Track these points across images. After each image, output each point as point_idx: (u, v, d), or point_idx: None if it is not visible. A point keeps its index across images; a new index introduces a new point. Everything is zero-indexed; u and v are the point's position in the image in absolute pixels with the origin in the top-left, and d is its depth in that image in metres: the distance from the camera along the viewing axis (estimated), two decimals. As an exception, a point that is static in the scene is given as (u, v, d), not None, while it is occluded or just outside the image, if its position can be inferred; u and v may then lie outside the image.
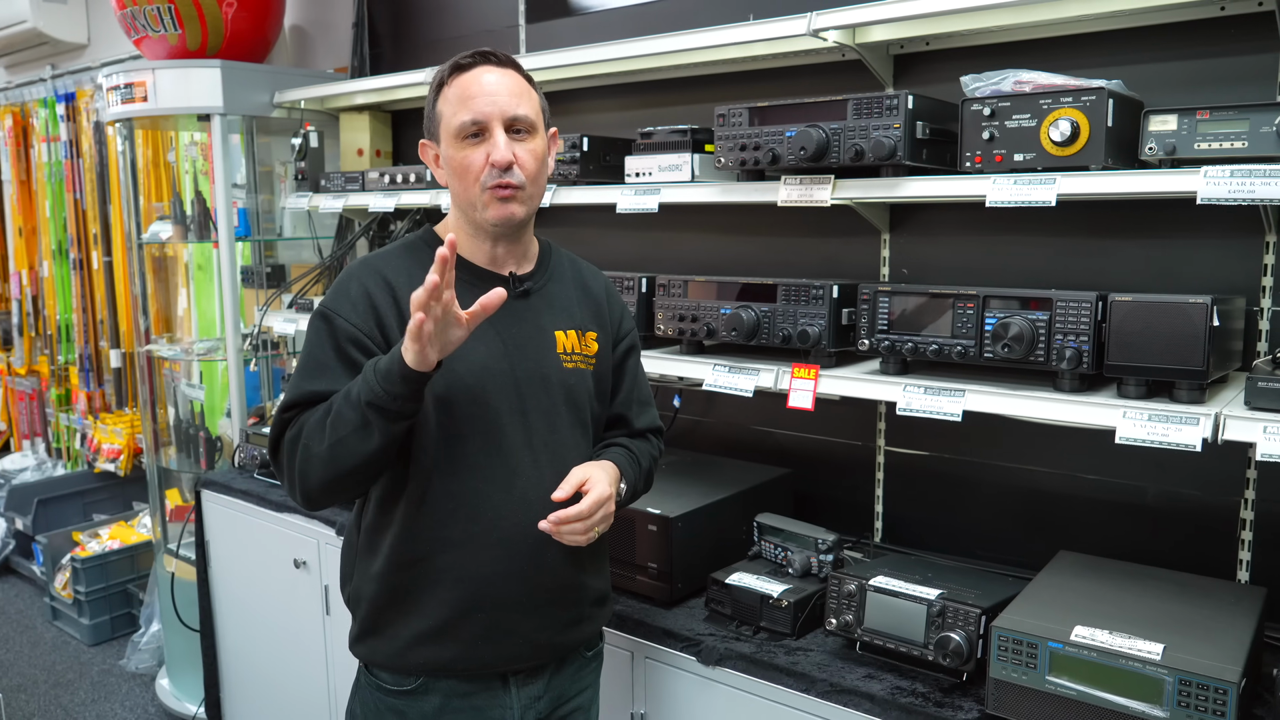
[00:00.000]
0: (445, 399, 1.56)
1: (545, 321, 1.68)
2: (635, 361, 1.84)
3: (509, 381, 1.61)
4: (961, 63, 2.15)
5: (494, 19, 3.15)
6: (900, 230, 2.33)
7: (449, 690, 1.62)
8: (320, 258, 3.51)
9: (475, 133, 1.55)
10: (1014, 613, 1.65)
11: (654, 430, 1.86)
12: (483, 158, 1.55)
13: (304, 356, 1.59)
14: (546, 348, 1.66)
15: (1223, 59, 1.91)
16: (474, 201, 1.58)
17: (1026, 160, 1.79)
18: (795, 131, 1.99)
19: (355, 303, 1.58)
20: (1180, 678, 1.43)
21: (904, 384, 1.87)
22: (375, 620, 1.64)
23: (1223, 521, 1.95)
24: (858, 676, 1.76)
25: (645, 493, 1.83)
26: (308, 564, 2.80)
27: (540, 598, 1.64)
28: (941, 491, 2.32)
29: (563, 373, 1.67)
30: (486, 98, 1.55)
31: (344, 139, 3.45)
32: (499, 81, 1.57)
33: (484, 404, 1.58)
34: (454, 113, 1.56)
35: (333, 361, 1.55)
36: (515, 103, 1.57)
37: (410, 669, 1.62)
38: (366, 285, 1.59)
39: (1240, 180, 1.57)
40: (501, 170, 1.55)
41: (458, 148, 1.57)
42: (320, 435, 1.48)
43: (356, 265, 1.66)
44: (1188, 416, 1.58)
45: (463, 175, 1.57)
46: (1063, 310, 1.72)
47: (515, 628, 1.62)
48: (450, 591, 1.59)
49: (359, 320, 1.57)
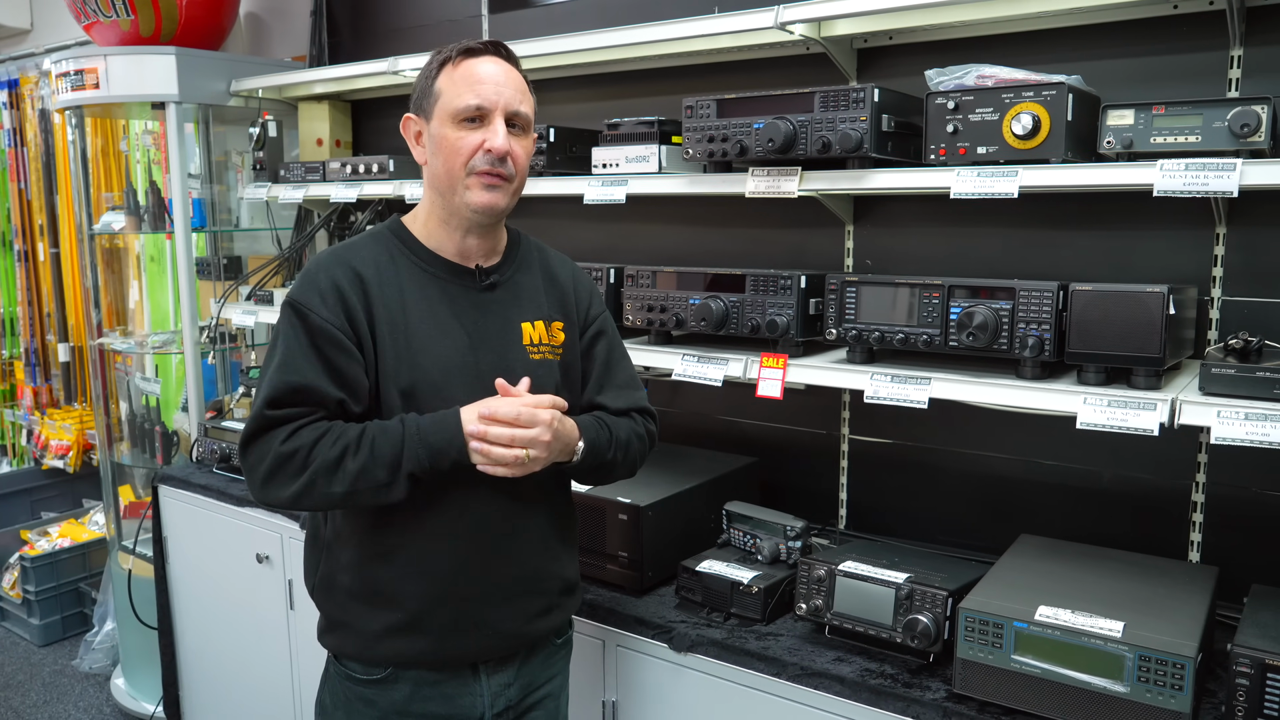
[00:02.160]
0: (410, 393, 1.57)
1: (511, 313, 1.68)
2: (606, 345, 1.80)
3: (473, 375, 1.61)
4: (925, 57, 2.19)
5: (456, 9, 3.13)
6: (864, 222, 2.37)
7: (419, 679, 1.63)
8: (279, 249, 3.46)
9: (475, 117, 1.56)
10: (979, 594, 1.69)
11: (638, 410, 1.79)
12: (477, 141, 1.55)
13: (278, 348, 1.57)
14: (512, 340, 1.66)
15: (1176, 56, 1.97)
16: (456, 184, 1.58)
17: (989, 153, 1.83)
18: (763, 124, 2.01)
19: (325, 296, 1.56)
20: (1140, 654, 1.48)
21: (871, 372, 1.90)
22: (344, 612, 1.63)
23: (1175, 504, 2.02)
24: (828, 660, 1.79)
25: (624, 466, 1.74)
26: (270, 559, 2.77)
27: (509, 588, 1.64)
28: (904, 478, 2.37)
29: (529, 365, 1.66)
30: (494, 85, 1.56)
31: (303, 128, 3.40)
32: (507, 75, 1.59)
33: (449, 398, 1.57)
34: (458, 93, 1.56)
35: (308, 355, 1.54)
36: (519, 98, 1.59)
37: (381, 660, 1.62)
38: (336, 278, 1.58)
39: (1195, 173, 1.62)
40: (496, 159, 1.56)
41: (453, 128, 1.56)
42: (337, 478, 1.49)
43: (325, 256, 1.64)
44: (1145, 402, 1.63)
45: (452, 155, 1.56)
46: (1025, 299, 1.76)
47: (485, 618, 1.63)
48: (419, 583, 1.59)
49: (330, 315, 1.55)
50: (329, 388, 1.53)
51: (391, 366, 1.57)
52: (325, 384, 1.53)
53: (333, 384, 1.54)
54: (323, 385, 1.53)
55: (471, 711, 1.66)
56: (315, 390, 1.53)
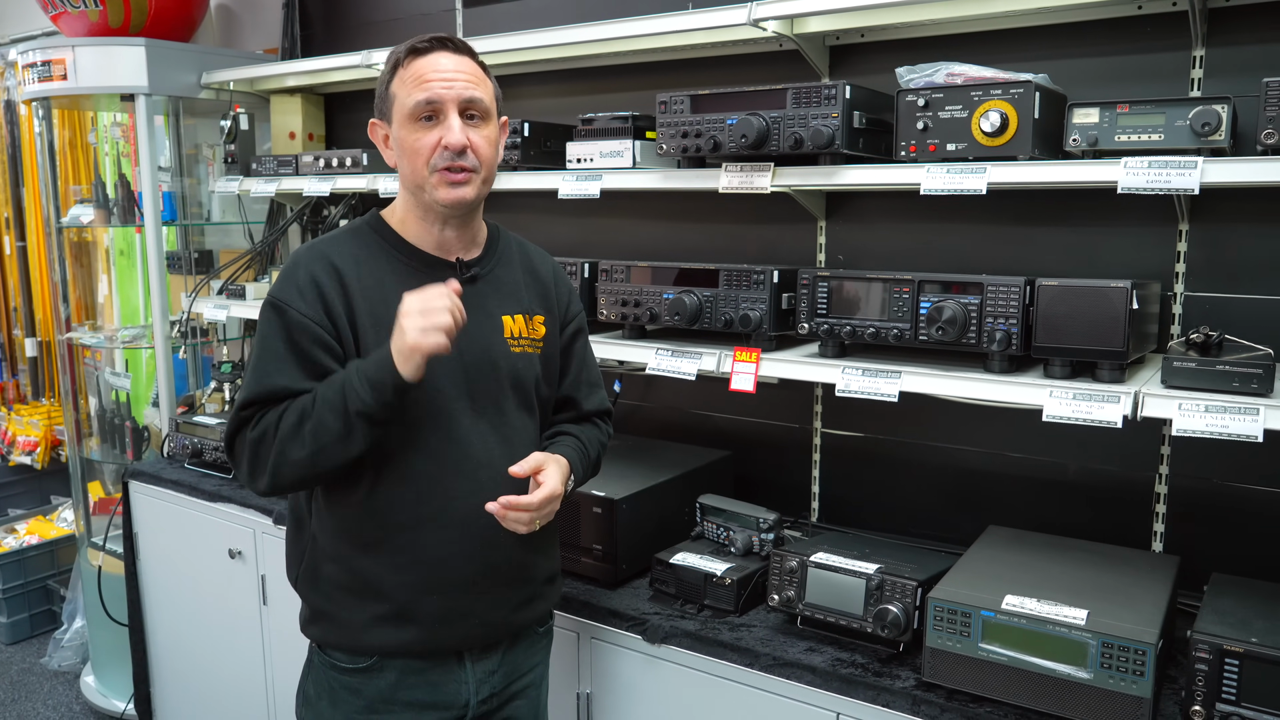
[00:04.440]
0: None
1: (492, 307, 1.69)
2: (583, 343, 1.86)
3: (457, 368, 1.61)
4: (895, 54, 2.21)
5: (430, 2, 3.12)
6: (836, 217, 2.39)
7: (405, 668, 1.64)
8: (251, 243, 3.44)
9: (429, 115, 1.56)
10: (948, 584, 1.72)
11: (601, 413, 1.88)
12: (435, 139, 1.55)
13: (258, 348, 1.58)
14: (494, 333, 1.68)
15: (1141, 55, 2.00)
16: (423, 183, 1.59)
17: (958, 150, 1.86)
18: (736, 119, 2.03)
19: (304, 291, 1.57)
20: (1103, 641, 1.51)
21: (843, 366, 1.93)
22: (330, 603, 1.64)
23: (1139, 495, 2.06)
24: (799, 650, 1.81)
25: (592, 478, 1.86)
26: (243, 554, 2.75)
27: (494, 577, 1.66)
28: (875, 471, 2.40)
29: (510, 358, 1.68)
30: (442, 81, 1.55)
31: (275, 122, 3.37)
32: (455, 66, 1.58)
33: (433, 390, 1.58)
34: (408, 94, 1.56)
35: (287, 354, 1.55)
36: (470, 87, 1.57)
37: (366, 650, 1.63)
38: (314, 273, 1.58)
39: (1158, 171, 1.66)
40: (455, 154, 1.55)
41: (410, 129, 1.57)
42: (298, 442, 1.50)
43: (304, 252, 1.64)
44: (1109, 395, 1.66)
45: (413, 156, 1.57)
46: (993, 294, 1.79)
47: (471, 608, 1.64)
48: (407, 574, 1.61)
49: (308, 310, 1.56)
50: (306, 386, 1.54)
51: None
52: (302, 382, 1.54)
53: (311, 380, 1.55)
54: (299, 385, 1.54)
55: (456, 699, 1.67)
56: (290, 391, 1.54)
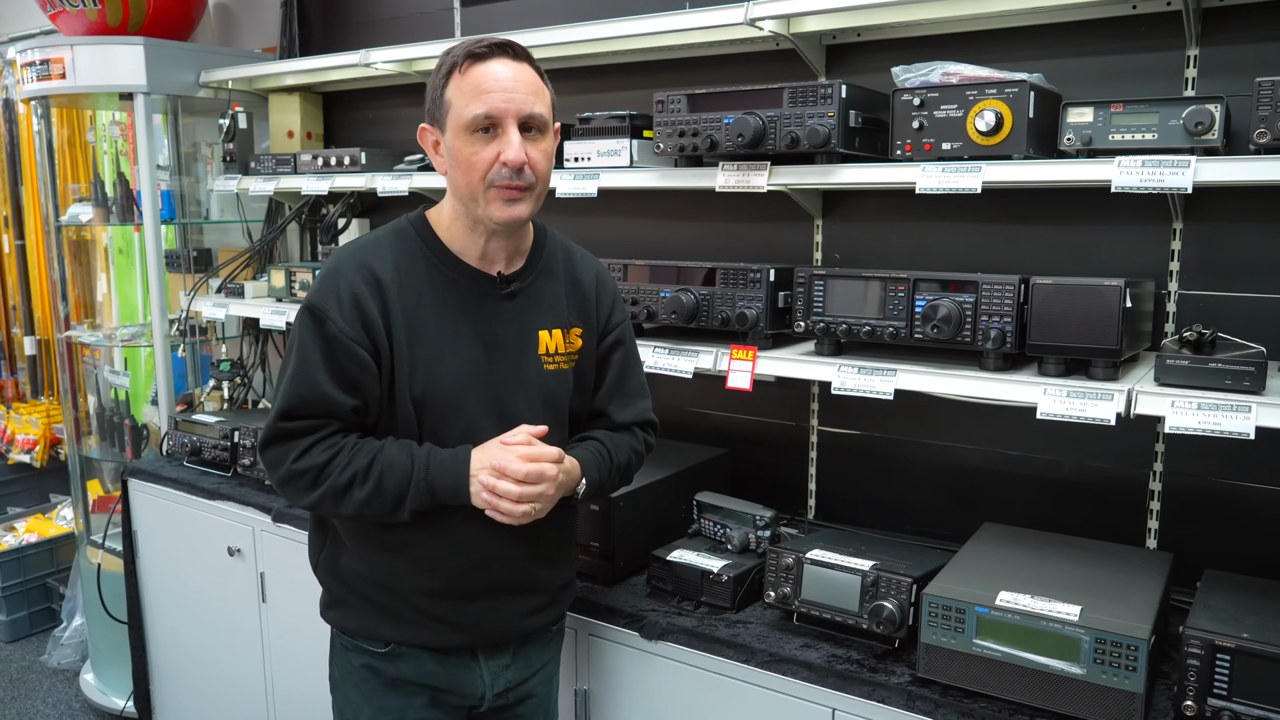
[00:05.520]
0: (423, 401, 1.59)
1: (529, 321, 1.67)
2: (623, 355, 1.80)
3: (487, 386, 1.61)
4: (891, 54, 2.22)
5: (428, 1, 3.12)
6: (832, 216, 2.40)
7: (420, 656, 1.68)
8: (250, 241, 3.45)
9: (487, 127, 1.51)
10: (943, 580, 1.73)
11: (641, 424, 1.83)
12: (492, 155, 1.51)
13: (295, 355, 1.57)
14: (527, 349, 1.66)
15: (1135, 55, 2.01)
16: (476, 197, 1.55)
17: (954, 149, 1.87)
18: (733, 118, 2.04)
19: (343, 305, 1.55)
20: (1096, 636, 1.52)
21: (839, 364, 1.94)
22: (347, 591, 1.69)
23: (1133, 492, 2.07)
24: (795, 646, 1.82)
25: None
26: (242, 551, 2.76)
27: (508, 588, 1.68)
28: (872, 469, 2.41)
29: (542, 375, 1.67)
30: (503, 93, 1.50)
31: (273, 120, 3.38)
32: (516, 76, 1.53)
33: (461, 408, 1.59)
34: (466, 104, 1.51)
35: (322, 363, 1.54)
36: (531, 101, 1.53)
37: (382, 639, 1.68)
38: (355, 286, 1.55)
39: (1151, 170, 1.66)
40: (514, 171, 1.51)
41: (466, 141, 1.52)
42: (345, 500, 1.54)
43: (345, 258, 1.60)
44: (1103, 393, 1.67)
45: (468, 169, 1.53)
46: (988, 293, 1.80)
47: (482, 615, 1.67)
48: (420, 581, 1.64)
49: (347, 327, 1.54)
50: (342, 397, 1.55)
51: (406, 375, 1.57)
52: (338, 394, 1.54)
53: (346, 393, 1.55)
54: (336, 395, 1.54)
55: (473, 690, 1.71)
56: (329, 401, 1.54)
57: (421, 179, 2.68)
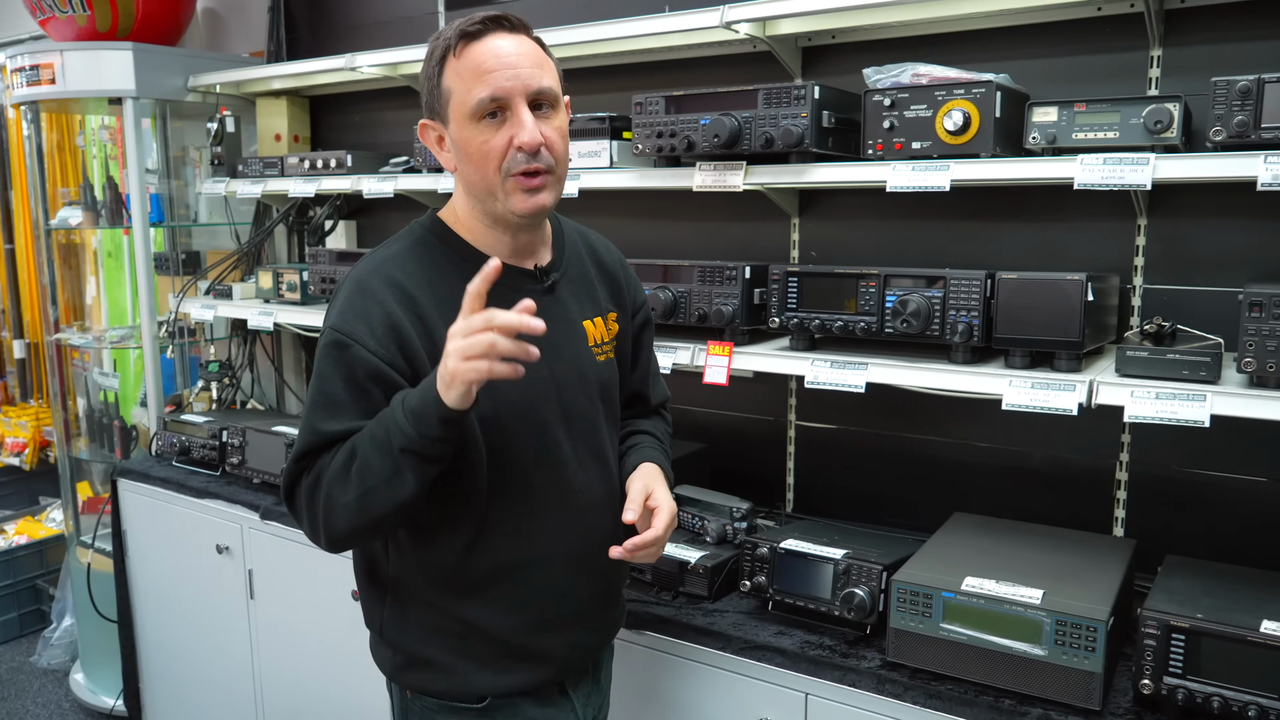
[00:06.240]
0: (493, 418, 1.41)
1: (573, 314, 1.55)
2: (650, 333, 1.76)
3: (550, 388, 1.48)
4: (865, 55, 2.27)
5: (413, 5, 3.17)
6: (809, 214, 2.45)
7: (515, 705, 1.53)
8: (238, 244, 3.48)
9: (494, 111, 1.37)
10: (912, 567, 1.77)
11: (665, 403, 1.81)
12: (505, 140, 1.37)
13: (314, 390, 1.40)
14: (579, 343, 1.54)
15: (1101, 55, 2.07)
16: (494, 190, 1.40)
17: (923, 148, 1.91)
18: (709, 119, 2.08)
19: (374, 326, 1.37)
20: (1057, 619, 1.57)
21: (812, 359, 1.98)
22: (428, 648, 1.50)
23: (1100, 481, 2.12)
24: (770, 633, 1.87)
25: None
26: (230, 549, 2.80)
27: (597, 604, 1.60)
28: (848, 462, 2.45)
29: (597, 368, 1.56)
30: (507, 70, 1.35)
31: (261, 124, 3.42)
32: (517, 50, 1.38)
33: (533, 418, 1.45)
34: (468, 88, 1.36)
35: (347, 398, 1.37)
36: (538, 74, 1.38)
37: (475, 695, 1.51)
38: (386, 304, 1.38)
39: (1112, 167, 1.72)
40: (530, 155, 1.37)
41: (474, 130, 1.37)
42: (344, 484, 1.33)
43: (368, 275, 1.43)
44: (1065, 384, 1.72)
45: (481, 161, 1.38)
46: (956, 287, 1.85)
47: (579, 640, 1.57)
48: (517, 616, 1.49)
49: (379, 348, 1.36)
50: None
51: None
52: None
53: None
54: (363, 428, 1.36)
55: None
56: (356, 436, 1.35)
57: (406, 181, 2.72)
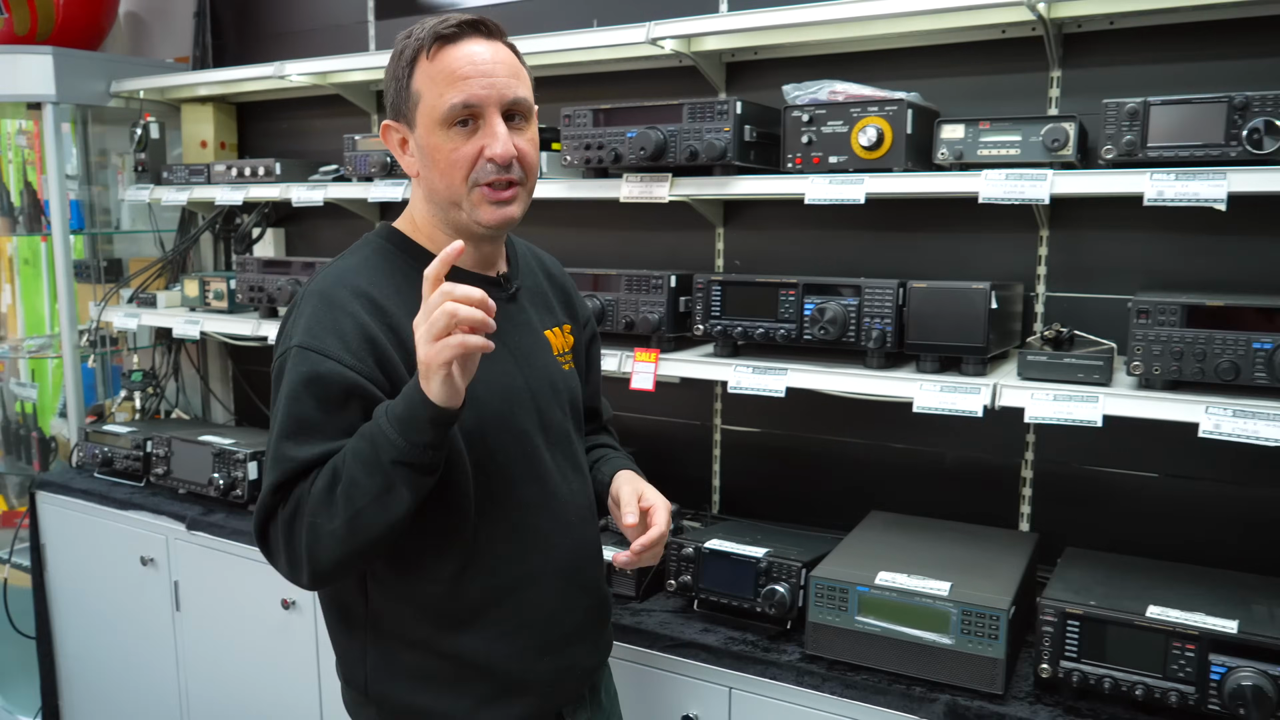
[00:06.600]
0: (477, 431, 1.36)
1: (535, 322, 1.51)
2: (598, 349, 1.75)
3: (526, 395, 1.43)
4: (786, 71, 2.36)
5: (343, 14, 3.17)
6: (733, 224, 2.52)
7: None
8: (162, 251, 3.44)
9: (466, 119, 1.32)
10: (829, 564, 1.85)
11: (611, 420, 1.82)
12: (475, 150, 1.33)
13: (284, 415, 1.29)
14: (545, 352, 1.51)
15: (1006, 75, 2.18)
16: (458, 200, 1.35)
17: (839, 162, 2.00)
18: (635, 133, 2.14)
19: (347, 339, 1.29)
20: (963, 609, 1.66)
21: (735, 365, 2.05)
22: (418, 695, 1.41)
23: (1008, 479, 2.23)
24: (695, 631, 1.93)
25: None
26: (155, 561, 2.76)
27: (592, 618, 1.54)
28: (772, 465, 2.53)
29: (565, 376, 1.53)
30: (482, 78, 1.31)
31: (186, 130, 3.38)
32: (493, 58, 1.34)
33: (515, 429, 1.40)
34: (440, 93, 1.31)
35: (322, 419, 1.28)
36: (514, 84, 1.35)
37: None
38: (357, 316, 1.31)
39: (1013, 182, 1.82)
40: (501, 166, 1.33)
41: (444, 136, 1.33)
42: (329, 509, 1.23)
43: (332, 286, 1.34)
44: (971, 387, 1.82)
45: (449, 169, 1.34)
46: (870, 296, 1.93)
47: (577, 660, 1.51)
48: (516, 641, 1.42)
49: (355, 362, 1.29)
50: None
51: None
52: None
53: None
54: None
55: None
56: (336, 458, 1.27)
57: (337, 189, 2.73)
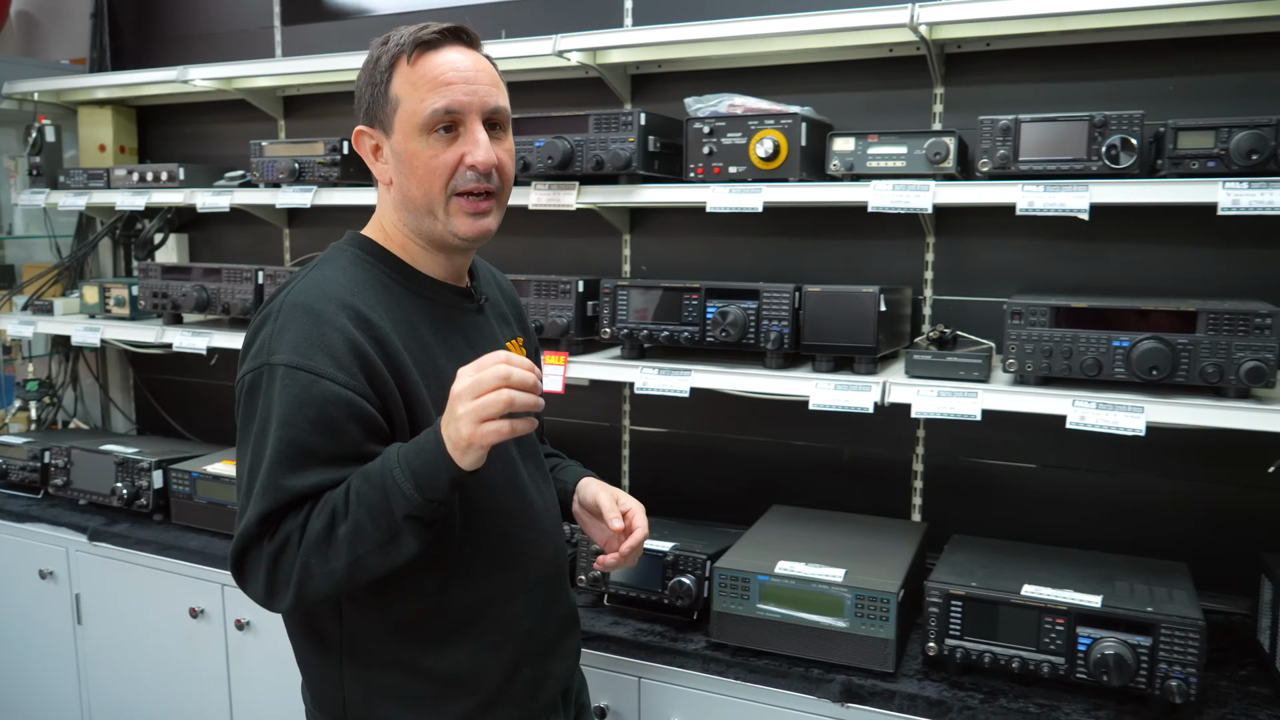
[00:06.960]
0: None
1: (499, 334, 1.50)
2: (541, 361, 1.77)
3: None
4: (690, 84, 2.45)
5: (248, 19, 3.15)
6: (639, 231, 2.60)
7: None
8: (59, 257, 3.34)
9: (448, 125, 1.31)
10: (731, 555, 1.94)
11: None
12: (455, 157, 1.31)
13: (275, 439, 1.22)
14: None
15: (895, 91, 2.31)
16: (434, 209, 1.33)
17: (739, 173, 2.10)
18: (543, 142, 2.20)
19: (337, 355, 1.24)
20: (856, 594, 1.76)
21: (641, 367, 2.13)
22: (400, 718, 1.37)
23: (900, 472, 2.36)
24: (606, 624, 1.99)
25: None
26: (55, 574, 2.69)
27: (563, 629, 1.53)
28: (679, 463, 2.62)
29: None
30: (465, 85, 1.30)
31: (84, 134, 3.30)
32: (475, 66, 1.33)
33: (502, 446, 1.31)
34: (421, 98, 1.30)
35: (317, 444, 1.23)
36: (495, 93, 1.34)
37: None
38: (345, 329, 1.26)
39: (899, 192, 1.94)
40: (482, 174, 1.32)
41: (423, 142, 1.31)
42: (326, 551, 1.20)
43: (314, 298, 1.29)
44: (862, 385, 1.93)
45: (427, 176, 1.32)
46: (768, 299, 2.03)
47: (552, 669, 1.49)
48: (500, 653, 1.40)
49: (348, 379, 1.24)
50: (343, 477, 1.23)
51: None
52: (340, 475, 1.23)
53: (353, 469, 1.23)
54: (336, 479, 1.23)
55: None
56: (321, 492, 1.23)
57: (243, 195, 2.71)
